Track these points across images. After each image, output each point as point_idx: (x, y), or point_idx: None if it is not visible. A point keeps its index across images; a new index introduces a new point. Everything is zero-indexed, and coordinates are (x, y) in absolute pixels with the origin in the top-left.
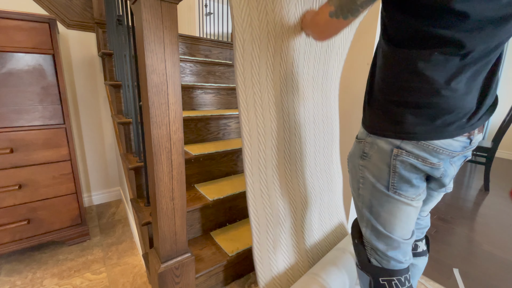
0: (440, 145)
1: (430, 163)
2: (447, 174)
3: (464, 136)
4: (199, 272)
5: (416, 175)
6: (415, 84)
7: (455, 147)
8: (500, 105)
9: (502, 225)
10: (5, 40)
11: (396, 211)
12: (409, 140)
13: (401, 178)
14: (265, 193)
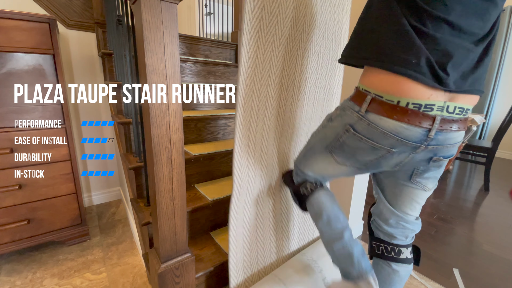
0: (388, 129)
1: (377, 144)
2: (388, 161)
3: (415, 126)
4: (199, 272)
5: (358, 152)
6: None
7: (406, 135)
8: (500, 105)
9: (502, 225)
10: (5, 40)
11: (324, 164)
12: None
13: (342, 150)
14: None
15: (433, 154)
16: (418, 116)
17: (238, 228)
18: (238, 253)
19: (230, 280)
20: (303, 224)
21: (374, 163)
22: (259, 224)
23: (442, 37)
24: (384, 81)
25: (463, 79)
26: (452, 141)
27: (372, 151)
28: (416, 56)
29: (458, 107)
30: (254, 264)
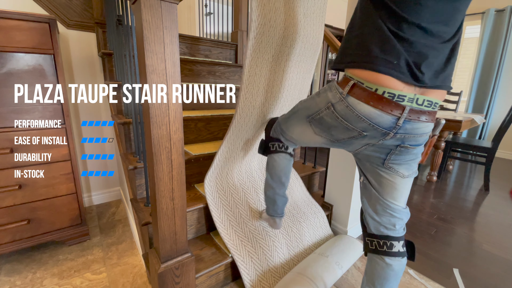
0: (363, 113)
1: (350, 126)
2: (359, 141)
3: (387, 114)
4: (199, 272)
5: (332, 128)
6: None
7: (378, 121)
8: (500, 105)
9: (502, 225)
10: (5, 40)
11: (302, 131)
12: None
13: (321, 125)
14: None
15: (400, 142)
16: (391, 105)
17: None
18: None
19: (244, 281)
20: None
21: (346, 141)
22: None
23: (416, 41)
24: (367, 74)
25: (435, 76)
26: (419, 131)
27: (345, 131)
28: (397, 57)
29: (427, 100)
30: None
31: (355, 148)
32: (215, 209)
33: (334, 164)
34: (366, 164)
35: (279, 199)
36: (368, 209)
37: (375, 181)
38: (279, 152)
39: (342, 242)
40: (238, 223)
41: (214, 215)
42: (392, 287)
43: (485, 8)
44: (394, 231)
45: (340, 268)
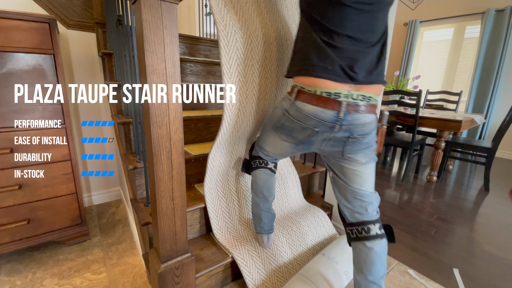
0: (309, 112)
1: (304, 125)
2: (316, 137)
3: (328, 109)
4: (199, 272)
5: (292, 131)
6: None
7: (323, 117)
8: (500, 105)
9: (502, 225)
10: (5, 40)
11: (274, 142)
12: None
13: (284, 130)
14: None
15: (349, 133)
16: (330, 102)
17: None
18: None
19: (248, 284)
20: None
21: (306, 140)
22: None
23: (347, 48)
24: (307, 80)
25: (369, 74)
26: (360, 122)
27: (302, 130)
28: (331, 63)
29: (360, 94)
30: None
31: (318, 147)
32: (214, 213)
33: None
34: (331, 160)
35: (264, 215)
36: (341, 199)
37: (340, 173)
38: (260, 168)
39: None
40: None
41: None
42: (379, 270)
43: (485, 8)
44: (368, 215)
45: (348, 279)
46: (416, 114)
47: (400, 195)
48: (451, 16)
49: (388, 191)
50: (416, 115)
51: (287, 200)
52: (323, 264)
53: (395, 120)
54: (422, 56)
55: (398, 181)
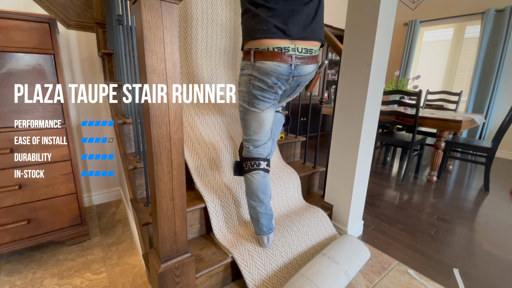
0: (268, 69)
1: (267, 84)
2: (284, 92)
3: (284, 62)
4: (199, 272)
5: (263, 93)
6: None
7: (280, 71)
8: (500, 105)
9: (502, 225)
10: (5, 40)
11: (253, 118)
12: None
13: (254, 97)
14: None
15: (298, 83)
16: (283, 56)
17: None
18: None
19: (248, 284)
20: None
21: (274, 98)
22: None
23: (279, 7)
24: (257, 42)
25: (303, 30)
26: (306, 72)
27: (269, 90)
28: (266, 24)
29: (303, 48)
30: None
31: (279, 99)
32: (214, 213)
33: (334, 164)
34: (282, 101)
35: (262, 217)
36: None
37: (274, 124)
38: (253, 170)
39: (352, 247)
40: (235, 229)
41: (212, 217)
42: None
43: (485, 8)
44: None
45: (348, 278)
46: (416, 114)
47: (400, 195)
48: (451, 16)
49: (388, 191)
50: (416, 115)
51: (287, 201)
52: (323, 263)
53: (395, 120)
54: (422, 56)
55: (398, 181)
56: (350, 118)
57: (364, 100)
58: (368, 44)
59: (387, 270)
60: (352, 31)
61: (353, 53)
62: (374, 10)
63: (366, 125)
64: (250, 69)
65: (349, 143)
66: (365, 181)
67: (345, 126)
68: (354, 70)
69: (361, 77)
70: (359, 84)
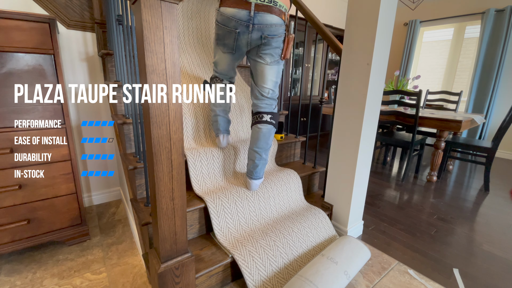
0: (228, 14)
1: (228, 27)
2: (246, 39)
3: (241, 9)
4: (199, 272)
5: (224, 36)
6: None
7: (240, 17)
8: (500, 105)
9: (502, 225)
10: (5, 40)
11: (219, 56)
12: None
13: (219, 39)
14: None
15: (262, 32)
16: (242, 3)
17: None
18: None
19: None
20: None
21: (236, 46)
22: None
23: None
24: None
25: None
26: (268, 21)
27: (229, 35)
28: None
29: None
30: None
31: (244, 51)
32: (215, 213)
33: (334, 164)
34: (251, 61)
35: (221, 119)
36: (252, 98)
37: (255, 75)
38: (216, 83)
39: (351, 247)
40: (236, 229)
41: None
42: (262, 143)
43: (485, 8)
44: (265, 108)
45: (348, 278)
46: (416, 114)
47: (400, 195)
48: (451, 16)
49: (388, 191)
50: (416, 115)
51: (289, 201)
52: (322, 264)
53: (395, 120)
54: (422, 56)
55: (398, 181)
56: (350, 118)
57: (364, 100)
58: (368, 44)
59: (387, 270)
60: (352, 31)
61: (353, 53)
62: (374, 10)
63: (366, 125)
64: (218, 15)
65: (349, 143)
66: (365, 181)
67: (345, 126)
68: (354, 70)
69: (361, 77)
70: (359, 84)
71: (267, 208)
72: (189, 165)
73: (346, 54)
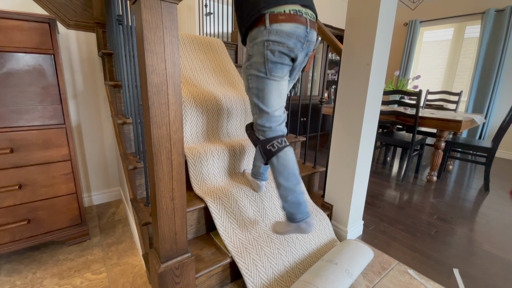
0: (288, 30)
1: (288, 46)
2: (299, 59)
3: (300, 24)
4: (199, 272)
5: (282, 59)
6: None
7: (299, 33)
8: (500, 105)
9: (502, 225)
10: (5, 40)
11: (272, 89)
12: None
13: (273, 63)
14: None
15: (307, 50)
16: (300, 18)
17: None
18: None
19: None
20: None
21: (289, 65)
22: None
23: None
24: (271, 8)
25: (308, 0)
26: (314, 38)
27: (289, 53)
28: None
29: (310, 12)
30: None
31: (294, 72)
32: (218, 215)
33: (334, 164)
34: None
35: (301, 197)
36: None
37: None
38: (284, 148)
39: (350, 248)
40: (242, 230)
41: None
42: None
43: (485, 8)
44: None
45: (350, 276)
46: (416, 114)
47: (400, 195)
48: (451, 16)
49: (388, 191)
50: (416, 115)
51: None
52: (322, 267)
53: (395, 120)
54: (422, 56)
55: (398, 181)
56: (350, 118)
57: (364, 100)
58: (368, 44)
59: (387, 270)
60: (352, 31)
61: (353, 53)
62: (374, 10)
63: (366, 125)
64: (266, 34)
65: (349, 143)
66: (365, 181)
67: (345, 126)
68: (354, 70)
69: (361, 77)
70: (359, 84)
71: (272, 208)
72: (189, 165)
73: (346, 54)
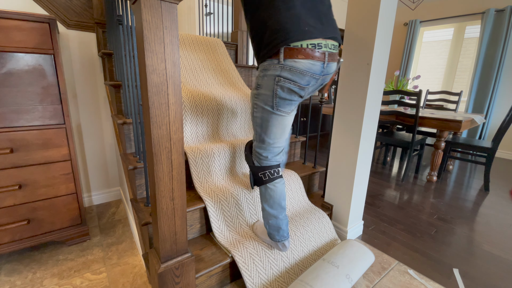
0: (302, 68)
1: (299, 85)
2: (309, 92)
3: (318, 60)
4: (199, 272)
5: (291, 96)
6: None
7: (315, 70)
8: (500, 105)
9: (502, 225)
10: (5, 40)
11: (277, 123)
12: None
13: (281, 99)
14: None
15: (322, 82)
16: (317, 53)
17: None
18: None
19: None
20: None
21: (298, 100)
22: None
23: (314, 6)
24: (288, 40)
25: (330, 25)
26: (332, 70)
27: (299, 91)
28: (298, 22)
29: (331, 44)
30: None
31: (309, 95)
32: (214, 214)
33: (334, 164)
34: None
35: (283, 223)
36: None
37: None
38: (274, 179)
39: (352, 250)
40: (235, 227)
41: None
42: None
43: (485, 8)
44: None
45: (350, 282)
46: (416, 114)
47: (400, 195)
48: (451, 16)
49: (388, 191)
50: (416, 115)
51: (291, 203)
52: (323, 268)
53: (395, 120)
54: (422, 56)
55: (398, 181)
56: (350, 118)
57: (364, 100)
58: (368, 44)
59: (387, 270)
60: (352, 31)
61: (353, 53)
62: (374, 10)
63: (366, 125)
64: (278, 69)
65: (349, 143)
66: (365, 181)
67: (345, 126)
68: (354, 70)
69: (361, 77)
70: (359, 84)
71: None
72: (190, 163)
73: (346, 54)
